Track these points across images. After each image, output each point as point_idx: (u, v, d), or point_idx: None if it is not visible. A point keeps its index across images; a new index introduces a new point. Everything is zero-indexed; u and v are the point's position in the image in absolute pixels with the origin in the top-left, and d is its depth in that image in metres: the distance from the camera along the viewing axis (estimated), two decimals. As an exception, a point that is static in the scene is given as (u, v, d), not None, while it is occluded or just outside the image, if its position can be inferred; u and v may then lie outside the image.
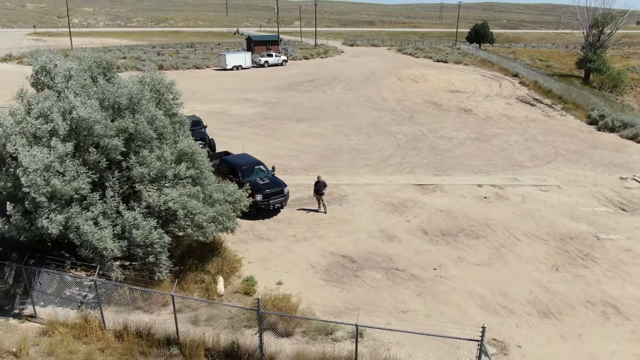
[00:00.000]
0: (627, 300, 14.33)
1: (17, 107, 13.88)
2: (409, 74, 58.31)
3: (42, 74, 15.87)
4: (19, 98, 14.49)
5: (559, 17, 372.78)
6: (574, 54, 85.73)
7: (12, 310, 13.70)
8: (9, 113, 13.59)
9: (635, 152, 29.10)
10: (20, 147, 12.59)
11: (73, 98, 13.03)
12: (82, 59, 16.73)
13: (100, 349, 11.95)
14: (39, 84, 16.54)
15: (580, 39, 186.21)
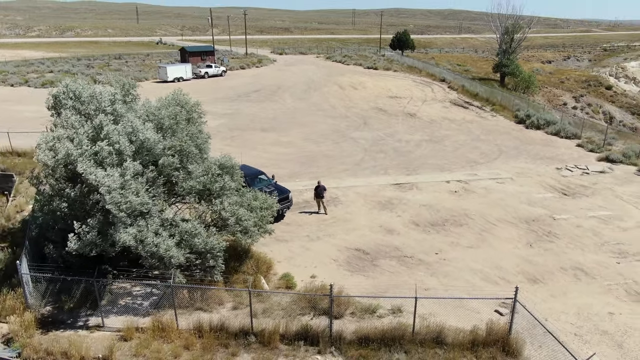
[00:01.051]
0: (589, 264, 18.06)
1: (73, 131, 14.81)
2: (347, 81, 61.79)
3: (69, 98, 16.77)
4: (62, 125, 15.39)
5: (460, 22, 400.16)
6: (488, 60, 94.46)
7: (76, 322, 14.60)
8: (68, 138, 14.52)
9: (561, 145, 34.24)
10: (90, 168, 13.67)
11: (137, 122, 14.30)
12: (111, 82, 17.77)
13: (183, 346, 13.40)
14: (60, 107, 17.42)
15: (484, 43, 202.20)
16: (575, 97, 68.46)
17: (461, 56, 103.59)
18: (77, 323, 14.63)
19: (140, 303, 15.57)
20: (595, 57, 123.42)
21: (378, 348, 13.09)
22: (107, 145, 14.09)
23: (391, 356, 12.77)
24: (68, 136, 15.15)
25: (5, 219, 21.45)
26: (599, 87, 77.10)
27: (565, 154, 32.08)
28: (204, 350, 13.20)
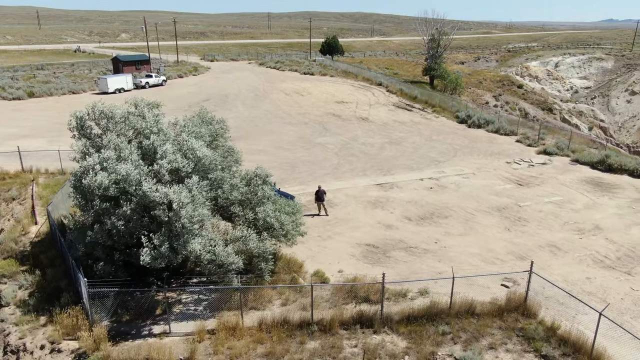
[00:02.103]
0: (559, 241, 21.75)
1: (128, 152, 15.71)
2: (290, 87, 63.89)
3: (102, 118, 17.58)
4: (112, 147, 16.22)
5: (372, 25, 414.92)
6: (411, 63, 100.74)
7: (141, 332, 15.57)
8: (118, 159, 15.43)
9: (503, 142, 38.86)
10: (154, 186, 14.77)
11: (193, 141, 15.54)
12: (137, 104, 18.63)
13: (254, 341, 14.93)
14: (85, 128, 18.15)
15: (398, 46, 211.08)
16: (495, 96, 75.70)
17: (386, 60, 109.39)
18: (142, 332, 15.59)
19: (194, 309, 16.77)
20: (502, 58, 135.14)
21: (423, 323, 15.49)
22: (167, 163, 15.24)
23: (437, 328, 15.21)
24: (118, 157, 16.05)
25: (13, 242, 21.26)
26: (512, 86, 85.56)
27: (509, 149, 36.60)
28: (276, 343, 14.82)
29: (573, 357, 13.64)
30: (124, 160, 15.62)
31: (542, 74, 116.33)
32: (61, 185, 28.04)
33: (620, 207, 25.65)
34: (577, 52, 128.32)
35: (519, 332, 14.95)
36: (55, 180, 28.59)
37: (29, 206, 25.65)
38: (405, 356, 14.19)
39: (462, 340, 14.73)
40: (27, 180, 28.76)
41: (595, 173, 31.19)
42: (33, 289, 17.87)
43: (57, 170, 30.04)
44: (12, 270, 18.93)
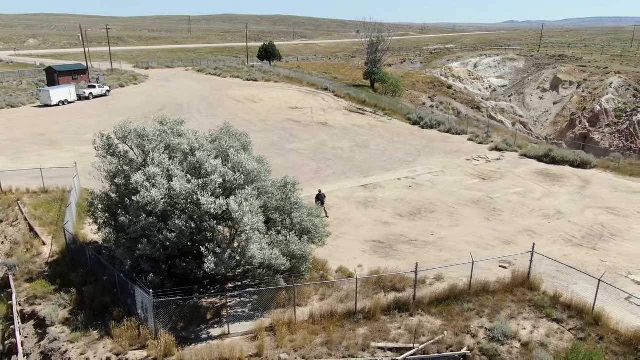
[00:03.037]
0: (533, 226, 25.25)
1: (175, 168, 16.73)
2: (239, 94, 64.78)
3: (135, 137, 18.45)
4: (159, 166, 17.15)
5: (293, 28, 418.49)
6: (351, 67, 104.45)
7: (200, 336, 16.71)
8: (166, 175, 16.47)
9: (457, 141, 42.78)
10: (209, 198, 15.99)
11: (242, 155, 16.89)
12: (163, 121, 19.52)
13: (310, 333, 16.61)
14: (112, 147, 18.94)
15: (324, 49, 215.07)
16: (430, 97, 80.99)
17: (321, 64, 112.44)
18: (201, 336, 16.74)
19: (241, 310, 18.09)
20: (425, 60, 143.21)
21: (449, 303, 17.97)
22: (219, 177, 16.51)
23: (462, 306, 17.74)
24: (165, 174, 17.06)
25: (31, 264, 21.16)
26: (442, 87, 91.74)
27: (464, 148, 40.49)
28: (331, 332, 16.60)
29: (578, 318, 16.71)
30: (173, 176, 16.63)
31: (464, 75, 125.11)
32: (50, 204, 27.74)
33: (571, 194, 29.89)
34: (492, 54, 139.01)
35: (529, 303, 17.86)
36: (41, 200, 28.10)
37: (24, 227, 25.23)
38: (444, 331, 16.56)
39: (485, 314, 17.37)
40: (10, 201, 28.02)
41: (542, 165, 35.66)
42: (73, 307, 18.24)
43: (39, 189, 29.43)
44: (44, 291, 19.09)
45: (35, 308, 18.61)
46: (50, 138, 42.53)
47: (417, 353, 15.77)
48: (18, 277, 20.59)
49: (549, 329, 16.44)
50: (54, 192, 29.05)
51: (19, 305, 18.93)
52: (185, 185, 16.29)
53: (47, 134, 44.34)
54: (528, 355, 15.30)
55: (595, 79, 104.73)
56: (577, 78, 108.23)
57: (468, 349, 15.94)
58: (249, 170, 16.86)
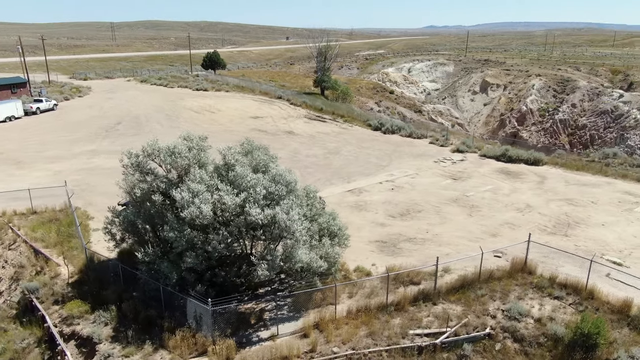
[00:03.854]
0: (511, 219, 28.42)
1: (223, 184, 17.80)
2: (196, 105, 64.72)
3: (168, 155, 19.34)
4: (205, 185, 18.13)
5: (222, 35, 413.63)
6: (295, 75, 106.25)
7: (251, 338, 17.89)
8: (209, 190, 17.58)
9: (420, 144, 45.95)
10: (258, 209, 17.26)
11: (282, 168, 18.24)
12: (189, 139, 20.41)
13: (351, 326, 18.28)
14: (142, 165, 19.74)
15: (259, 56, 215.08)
16: (377, 102, 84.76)
17: (264, 72, 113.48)
18: (252, 339, 17.94)
19: (281, 313, 19.39)
20: (361, 66, 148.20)
21: (464, 291, 20.34)
22: (263, 189, 17.81)
23: (475, 293, 20.18)
24: (208, 189, 18.12)
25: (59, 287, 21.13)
26: (385, 92, 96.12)
27: (429, 150, 43.69)
28: (370, 324, 18.37)
29: (575, 294, 19.65)
30: (221, 191, 17.71)
31: (400, 79, 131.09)
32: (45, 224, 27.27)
33: (533, 189, 33.63)
34: (424, 59, 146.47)
35: (530, 285, 20.63)
36: (34, 221, 27.54)
37: (26, 250, 24.81)
38: (468, 315, 18.88)
39: (498, 298, 19.91)
40: (2, 224, 27.25)
41: (501, 164, 39.49)
42: (115, 324, 18.69)
43: (27, 210, 28.77)
44: (80, 311, 19.30)
45: (75, 328, 18.84)
46: (12, 157, 40.85)
47: (449, 336, 17.95)
48: (44, 300, 20.54)
49: (553, 305, 19.24)
50: (46, 213, 28.52)
51: (55, 327, 19.04)
52: (234, 199, 17.43)
53: (5, 152, 42.48)
54: (543, 329, 17.94)
55: (519, 81, 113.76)
56: (503, 81, 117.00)
57: (491, 328, 18.35)
58: (288, 180, 18.30)
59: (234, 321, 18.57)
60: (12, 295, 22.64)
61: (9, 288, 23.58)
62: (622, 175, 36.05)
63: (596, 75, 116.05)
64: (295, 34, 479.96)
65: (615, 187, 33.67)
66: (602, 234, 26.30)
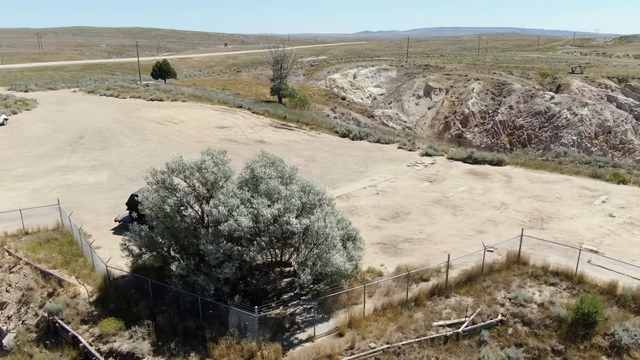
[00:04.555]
0: (492, 217, 31.10)
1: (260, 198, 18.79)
2: (156, 116, 63.92)
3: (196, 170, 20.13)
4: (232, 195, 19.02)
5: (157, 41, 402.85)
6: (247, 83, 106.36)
7: (292, 341, 18.99)
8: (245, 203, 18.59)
9: (390, 149, 48.33)
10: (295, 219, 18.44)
11: (309, 178, 19.45)
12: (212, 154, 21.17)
13: (383, 322, 19.82)
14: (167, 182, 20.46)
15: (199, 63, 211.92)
16: (332, 109, 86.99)
17: (215, 80, 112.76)
18: (293, 342, 19.07)
19: (311, 315, 20.56)
20: (307, 72, 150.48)
21: (471, 284, 22.46)
22: (298, 199, 19.01)
23: (481, 285, 22.35)
24: (243, 202, 19.09)
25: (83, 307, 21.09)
26: (337, 99, 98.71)
27: (400, 155, 46.14)
28: (394, 320, 20.00)
29: (566, 280, 22.28)
30: (258, 204, 18.71)
31: (347, 85, 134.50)
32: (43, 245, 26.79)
33: (503, 188, 36.73)
34: (368, 64, 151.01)
35: (527, 275, 23.08)
36: (30, 242, 26.96)
37: (30, 272, 24.36)
38: (480, 305, 20.97)
39: (501, 288, 22.18)
40: (-7, 247, 26.47)
41: (468, 166, 42.56)
42: (154, 338, 19.12)
43: (18, 231, 28.06)
44: (115, 327, 19.51)
45: (112, 345, 19.08)
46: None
47: (468, 325, 19.93)
48: (70, 320, 20.50)
49: (550, 291, 21.76)
50: (40, 233, 27.95)
51: (90, 345, 19.16)
52: (273, 211, 18.49)
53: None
54: (547, 312, 20.34)
55: (459, 85, 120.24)
56: (445, 85, 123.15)
57: (502, 315, 20.52)
58: (317, 191, 19.60)
59: (272, 326, 19.56)
60: (27, 319, 22.27)
61: (18, 312, 23.11)
62: (576, 172, 40.09)
63: (527, 79, 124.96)
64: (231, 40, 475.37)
65: (573, 183, 37.46)
66: (573, 225, 29.49)
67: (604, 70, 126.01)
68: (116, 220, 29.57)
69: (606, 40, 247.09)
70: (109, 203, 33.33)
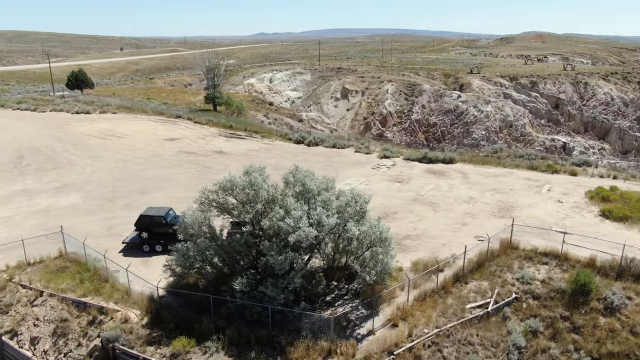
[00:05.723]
0: (468, 210, 35.24)
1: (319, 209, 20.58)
2: (93, 130, 61.10)
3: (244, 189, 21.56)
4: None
5: (40, 45, 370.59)
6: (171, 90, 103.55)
7: (356, 337, 21.08)
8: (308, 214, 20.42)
9: (348, 154, 51.34)
10: (354, 227, 20.56)
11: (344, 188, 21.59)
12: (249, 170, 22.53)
13: (426, 310, 22.59)
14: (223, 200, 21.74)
15: (99, 70, 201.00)
16: (265, 115, 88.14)
17: (134, 89, 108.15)
18: (357, 336, 21.17)
19: (361, 312, 22.75)
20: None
21: (481, 270, 26.05)
22: (353, 209, 21.11)
23: (489, 269, 26.02)
24: (307, 213, 20.85)
25: (140, 331, 21.25)
26: (264, 104, 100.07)
27: (361, 159, 49.33)
28: (433, 307, 22.90)
29: (554, 258, 26.70)
30: (320, 215, 20.53)
31: (265, 90, 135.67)
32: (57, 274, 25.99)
33: (464, 184, 41.35)
34: (282, 68, 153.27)
35: (522, 257, 27.22)
36: (39, 273, 26.03)
37: (57, 303, 23.75)
38: (496, 287, 24.59)
39: (507, 270, 26.03)
40: (2, 282, 25.20)
41: (425, 165, 46.89)
42: (227, 350, 20.12)
43: (18, 262, 26.85)
44: (187, 345, 20.13)
45: (191, 362, 19.77)
46: None
47: (492, 304, 23.43)
48: (133, 345, 20.69)
49: (545, 269, 26.05)
50: (46, 262, 26.98)
51: (167, 366, 19.67)
52: (333, 220, 20.42)
53: None
54: (549, 287, 24.47)
55: (374, 87, 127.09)
56: (360, 87, 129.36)
57: (515, 293, 24.32)
58: (366, 199, 21.85)
59: (335, 325, 21.47)
60: (70, 350, 21.88)
61: (54, 345, 22.56)
62: (515, 166, 46.09)
63: (433, 79, 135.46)
64: (124, 43, 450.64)
65: (518, 176, 43.21)
66: (534, 212, 34.56)
67: (497, 70, 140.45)
68: (123, 242, 29.24)
69: (489, 41, 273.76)
70: (100, 225, 32.53)
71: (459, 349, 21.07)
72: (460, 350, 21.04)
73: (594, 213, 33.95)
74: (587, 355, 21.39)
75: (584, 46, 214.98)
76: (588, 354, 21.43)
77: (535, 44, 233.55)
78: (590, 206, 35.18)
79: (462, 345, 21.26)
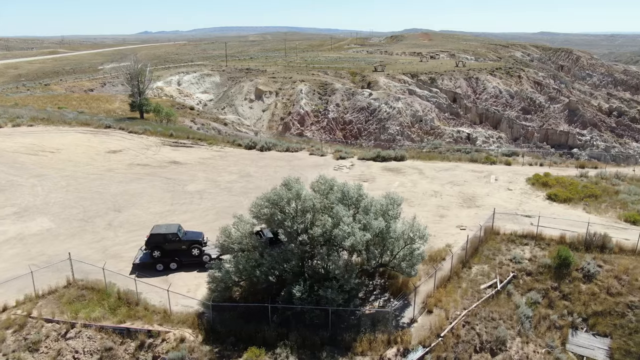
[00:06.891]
0: (439, 203, 39.09)
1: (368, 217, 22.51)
2: (17, 147, 56.16)
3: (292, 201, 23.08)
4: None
5: None
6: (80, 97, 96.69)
7: (401, 325, 23.45)
8: (358, 220, 22.37)
9: (305, 157, 53.13)
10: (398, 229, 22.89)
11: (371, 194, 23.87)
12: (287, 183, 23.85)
13: (449, 294, 25.59)
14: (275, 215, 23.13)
15: None
16: (192, 120, 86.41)
17: (38, 97, 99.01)
18: (403, 325, 23.51)
19: (394, 302, 25.13)
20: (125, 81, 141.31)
21: (477, 255, 29.75)
22: (393, 212, 23.37)
23: (484, 253, 29.81)
24: (353, 219, 22.78)
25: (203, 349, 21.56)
26: (186, 109, 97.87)
27: (319, 161, 51.43)
28: (453, 291, 26.03)
29: (532, 239, 31.24)
30: (369, 221, 22.51)
31: (175, 93, 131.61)
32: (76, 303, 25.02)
33: (424, 179, 45.37)
34: (189, 70, 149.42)
35: (506, 241, 31.43)
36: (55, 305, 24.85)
37: (93, 334, 23.12)
38: (496, 268, 28.40)
39: (500, 254, 30.01)
40: (18, 319, 23.73)
41: (380, 164, 50.34)
42: (298, 354, 21.39)
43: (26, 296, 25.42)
44: (258, 354, 21.00)
45: (264, 370, 20.70)
46: None
47: (498, 284, 27.17)
48: (202, 362, 21.05)
49: (528, 249, 30.47)
50: (59, 293, 25.69)
51: (243, 377, 20.42)
52: (381, 223, 22.53)
53: None
54: (537, 263, 28.83)
55: (287, 87, 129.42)
56: (273, 88, 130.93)
57: (512, 272, 28.34)
58: (399, 202, 24.22)
59: (382, 318, 23.63)
60: (126, 378, 21.58)
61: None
62: (458, 159, 51.37)
63: (341, 78, 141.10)
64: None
65: (465, 168, 48.36)
66: (493, 200, 39.43)
67: (398, 68, 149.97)
68: (134, 264, 28.59)
69: (380, 39, 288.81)
70: (92, 249, 31.21)
71: (487, 325, 24.39)
72: (488, 325, 24.37)
73: (541, 197, 39.66)
74: (578, 317, 25.91)
75: (465, 43, 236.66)
76: (579, 316, 25.95)
77: (423, 42, 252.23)
78: (536, 191, 40.95)
79: (488, 322, 24.62)
